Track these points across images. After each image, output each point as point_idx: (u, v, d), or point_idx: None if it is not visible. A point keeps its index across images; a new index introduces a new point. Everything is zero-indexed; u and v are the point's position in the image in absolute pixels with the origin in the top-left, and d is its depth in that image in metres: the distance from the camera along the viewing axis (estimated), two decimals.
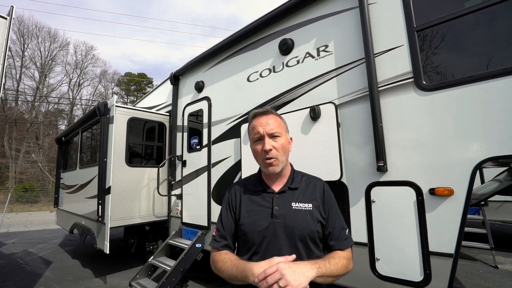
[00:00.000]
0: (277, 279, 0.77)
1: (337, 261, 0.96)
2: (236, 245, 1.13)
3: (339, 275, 0.94)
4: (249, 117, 1.15)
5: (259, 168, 1.19)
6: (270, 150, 1.04)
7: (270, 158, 1.04)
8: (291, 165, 1.18)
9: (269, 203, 1.06)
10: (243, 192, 1.14)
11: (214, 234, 1.12)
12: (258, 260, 0.98)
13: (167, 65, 55.13)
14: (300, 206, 1.04)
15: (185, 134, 4.28)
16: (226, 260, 0.99)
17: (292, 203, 1.05)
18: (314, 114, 2.52)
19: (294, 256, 0.89)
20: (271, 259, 0.87)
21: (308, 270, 0.83)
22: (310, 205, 1.05)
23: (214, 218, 3.57)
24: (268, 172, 1.07)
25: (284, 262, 0.84)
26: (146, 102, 5.67)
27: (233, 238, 1.10)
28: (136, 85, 34.04)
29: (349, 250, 1.06)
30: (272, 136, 1.06)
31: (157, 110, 5.12)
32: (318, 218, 1.04)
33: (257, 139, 1.09)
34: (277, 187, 1.10)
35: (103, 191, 3.90)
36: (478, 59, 1.89)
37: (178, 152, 4.37)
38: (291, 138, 1.15)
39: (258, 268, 0.84)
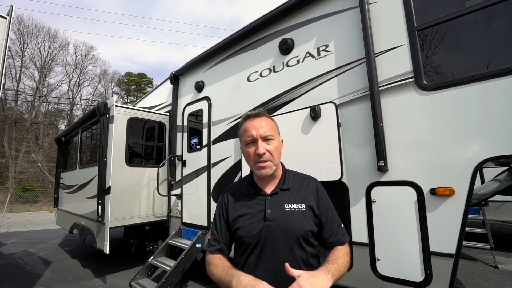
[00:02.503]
0: None
1: (343, 260, 0.97)
2: (233, 248, 1.14)
3: (344, 273, 0.96)
4: (241, 119, 1.13)
5: (251, 171, 1.18)
6: (264, 153, 1.02)
7: (263, 161, 1.03)
8: (282, 165, 1.17)
9: (261, 206, 1.05)
10: (235, 196, 1.13)
11: (209, 237, 1.15)
12: (254, 262, 1.01)
13: (169, 66, 55.35)
14: (293, 208, 1.04)
15: (185, 134, 4.27)
16: (218, 265, 1.01)
17: (285, 205, 1.04)
18: (315, 114, 2.52)
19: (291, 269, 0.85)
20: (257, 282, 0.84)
21: (326, 282, 0.82)
22: (303, 205, 1.05)
23: None
24: (260, 175, 1.06)
25: (305, 277, 0.79)
26: (146, 102, 5.67)
27: (228, 241, 1.11)
28: (136, 85, 34.03)
29: (347, 245, 1.09)
30: (266, 139, 1.04)
31: (157, 110, 5.11)
32: (312, 217, 1.04)
33: (249, 142, 1.06)
34: (269, 189, 1.10)
35: (103, 191, 3.89)
36: (479, 59, 1.89)
37: (178, 152, 4.36)
38: (282, 140, 1.14)
39: (243, 280, 0.85)
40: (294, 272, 0.83)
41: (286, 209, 1.03)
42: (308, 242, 1.03)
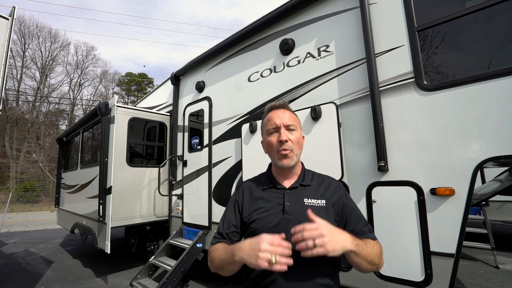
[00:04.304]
0: (314, 236, 0.76)
1: (373, 246, 0.92)
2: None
3: (373, 262, 0.90)
4: (265, 109, 1.12)
5: (269, 166, 1.16)
6: (286, 141, 1.01)
7: (286, 149, 1.01)
8: (302, 163, 1.15)
9: (280, 199, 1.02)
10: (252, 190, 1.10)
11: (215, 231, 1.12)
12: None
13: (170, 67, 55.57)
14: (313, 202, 1.00)
15: (186, 134, 4.28)
16: (219, 248, 0.99)
17: (304, 199, 1.01)
18: (315, 114, 2.52)
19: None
20: (259, 236, 0.83)
21: (347, 241, 0.81)
22: (324, 201, 1.01)
23: (215, 218, 3.57)
24: (282, 165, 1.03)
25: (325, 224, 0.81)
26: (147, 102, 5.68)
27: (234, 237, 1.07)
28: (136, 85, 34.08)
29: (378, 243, 0.99)
30: (288, 128, 1.04)
31: (158, 110, 5.12)
32: (333, 215, 1.00)
33: (272, 130, 1.05)
34: (287, 184, 1.07)
35: (104, 191, 3.90)
36: (479, 59, 1.89)
37: (179, 152, 4.37)
38: (303, 137, 1.12)
39: (244, 244, 0.85)
40: (315, 217, 0.82)
41: (305, 203, 1.00)
42: None
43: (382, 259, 0.95)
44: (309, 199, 1.01)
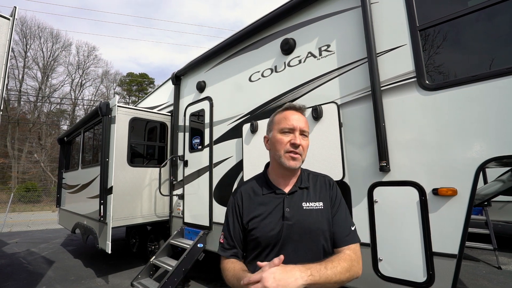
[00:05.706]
0: None
1: (335, 265, 0.87)
2: (246, 249, 1.09)
3: (339, 280, 0.85)
4: (284, 106, 1.11)
5: (265, 169, 1.16)
6: (299, 145, 1.01)
7: (296, 153, 1.01)
8: None
9: (279, 205, 1.03)
10: (250, 195, 1.09)
11: (221, 241, 1.09)
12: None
13: (172, 68, 55.77)
14: (311, 206, 1.02)
15: (187, 134, 4.28)
16: (230, 269, 0.98)
17: (303, 203, 1.02)
18: (316, 114, 2.51)
19: (281, 258, 0.81)
20: (264, 266, 0.82)
21: (296, 279, 0.76)
22: (321, 203, 1.03)
23: (216, 218, 3.57)
24: (289, 166, 1.02)
25: (269, 270, 0.77)
26: (148, 102, 5.68)
27: (241, 244, 1.07)
28: (137, 85, 34.15)
29: (354, 250, 0.97)
30: (302, 133, 1.04)
31: (158, 110, 5.12)
32: (329, 216, 1.02)
33: (287, 130, 1.04)
34: (287, 188, 1.07)
35: (105, 191, 3.90)
36: (482, 58, 1.88)
37: (180, 152, 4.37)
38: None
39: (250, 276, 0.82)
40: (262, 263, 0.83)
41: (304, 208, 1.01)
42: (329, 243, 1.00)
43: (353, 270, 0.91)
44: (307, 203, 1.03)
